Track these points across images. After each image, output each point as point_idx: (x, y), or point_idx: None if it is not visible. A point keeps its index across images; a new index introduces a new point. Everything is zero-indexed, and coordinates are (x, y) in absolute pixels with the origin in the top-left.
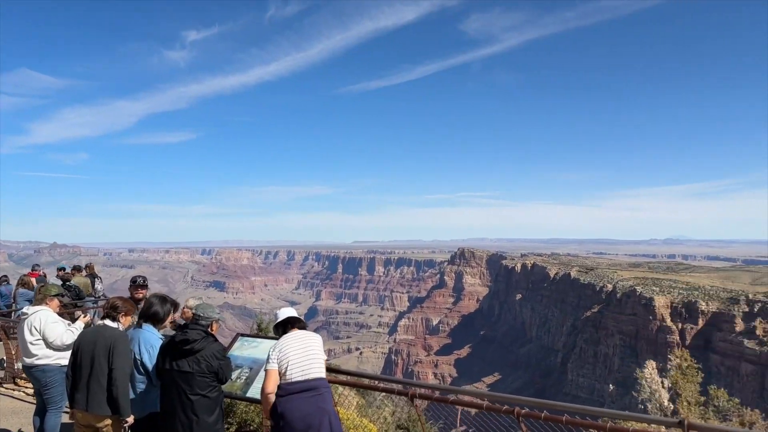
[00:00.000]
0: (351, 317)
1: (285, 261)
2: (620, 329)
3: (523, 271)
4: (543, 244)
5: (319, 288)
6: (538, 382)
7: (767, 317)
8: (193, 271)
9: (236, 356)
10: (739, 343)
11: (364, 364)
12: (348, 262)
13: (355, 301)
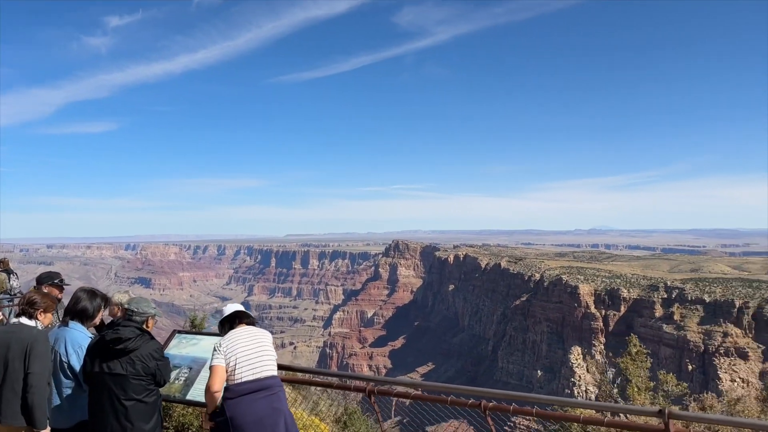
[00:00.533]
0: (285, 312)
1: (215, 256)
2: (547, 317)
3: (456, 262)
4: (475, 235)
5: (252, 283)
6: (469, 370)
7: (684, 303)
8: (116, 268)
9: (174, 355)
10: (659, 328)
11: (298, 358)
12: (281, 255)
13: (288, 296)
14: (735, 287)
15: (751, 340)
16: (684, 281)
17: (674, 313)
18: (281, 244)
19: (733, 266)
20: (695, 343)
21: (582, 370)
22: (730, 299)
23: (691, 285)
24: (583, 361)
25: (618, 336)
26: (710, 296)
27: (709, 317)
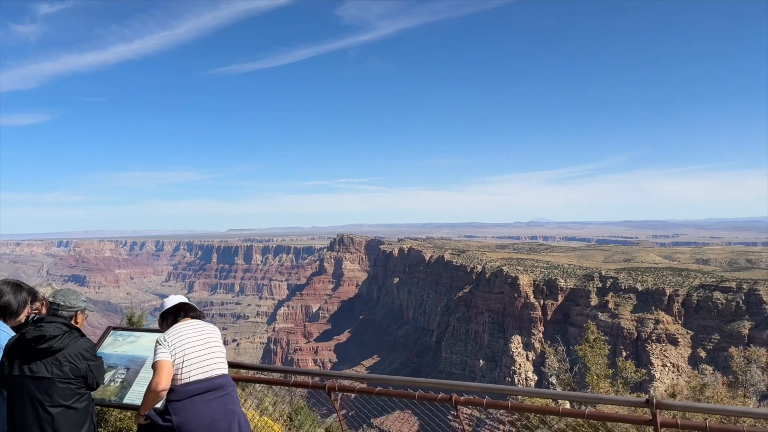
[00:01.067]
0: (227, 308)
1: (153, 252)
2: (489, 307)
3: (400, 256)
4: (419, 228)
5: (192, 279)
6: (414, 361)
7: (618, 292)
8: (48, 265)
9: (109, 354)
10: (594, 316)
11: (242, 355)
12: (223, 251)
13: (231, 292)
14: (665, 276)
15: (680, 326)
16: (618, 271)
17: (609, 302)
18: (223, 240)
19: (663, 256)
20: (629, 330)
21: (522, 358)
22: (661, 288)
23: (624, 274)
24: (523, 349)
25: (556, 324)
26: (642, 285)
27: (641, 305)
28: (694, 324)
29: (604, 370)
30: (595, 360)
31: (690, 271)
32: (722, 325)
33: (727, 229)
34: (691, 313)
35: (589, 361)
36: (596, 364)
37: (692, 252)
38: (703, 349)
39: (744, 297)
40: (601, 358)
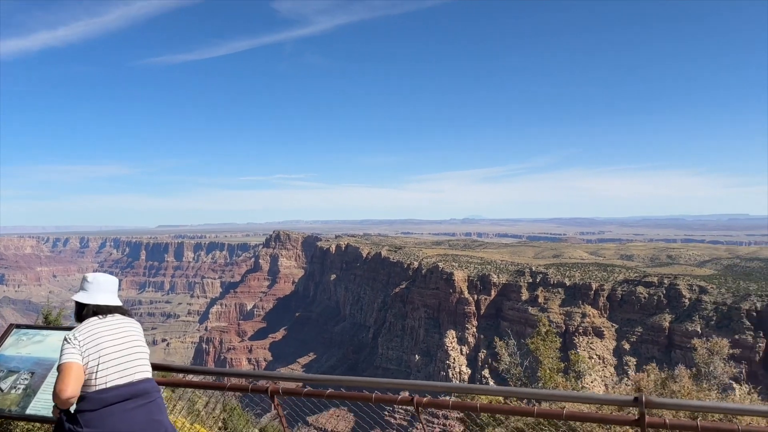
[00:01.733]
0: (157, 307)
1: (77, 249)
2: (425, 303)
3: (338, 252)
4: (356, 225)
5: (119, 277)
6: (350, 357)
7: (547, 287)
8: None
9: (10, 357)
10: (525, 310)
11: (172, 355)
12: (153, 248)
13: (161, 290)
14: (592, 271)
15: (605, 320)
16: (547, 266)
17: (539, 296)
18: (152, 236)
19: (589, 252)
20: (557, 324)
21: (456, 352)
22: (587, 283)
23: (553, 270)
24: (458, 344)
25: (489, 319)
26: (570, 280)
27: (569, 299)
28: (618, 317)
29: (556, 363)
30: (548, 353)
31: (614, 266)
32: (645, 318)
33: (650, 226)
34: (616, 307)
35: (541, 354)
36: (549, 358)
37: (617, 248)
38: (627, 342)
39: (665, 291)
40: (553, 352)
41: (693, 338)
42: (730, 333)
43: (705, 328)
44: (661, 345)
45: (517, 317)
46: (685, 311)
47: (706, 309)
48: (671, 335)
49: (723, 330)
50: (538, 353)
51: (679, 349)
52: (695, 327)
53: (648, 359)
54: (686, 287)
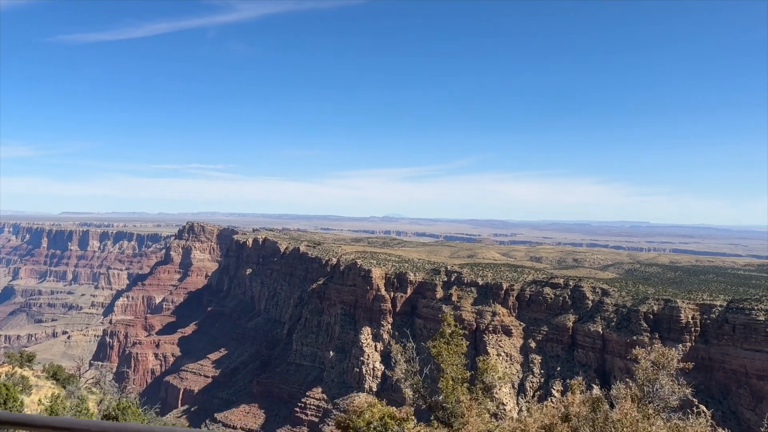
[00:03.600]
0: (58, 298)
1: None
2: (342, 299)
3: (255, 246)
4: (275, 219)
5: (17, 265)
6: (263, 353)
7: (461, 285)
8: None
9: None
10: (439, 308)
11: (74, 349)
12: (55, 235)
13: (63, 280)
14: (503, 272)
15: (514, 318)
16: (462, 266)
17: (453, 295)
18: (55, 223)
19: (502, 253)
20: (469, 322)
21: (371, 349)
22: (498, 282)
23: (467, 269)
24: (373, 340)
25: (404, 316)
26: (483, 279)
27: (481, 298)
28: (526, 316)
29: (461, 372)
30: (452, 359)
31: (524, 267)
32: (550, 317)
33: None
34: (524, 306)
35: (444, 361)
36: (452, 365)
37: (527, 250)
38: (533, 340)
39: (570, 292)
40: (458, 358)
41: (635, 347)
42: (629, 334)
43: (606, 329)
44: (564, 344)
45: (432, 315)
46: (588, 312)
47: (607, 310)
48: (574, 335)
49: (622, 331)
50: (440, 359)
51: (581, 348)
52: (597, 327)
53: (552, 357)
54: (590, 289)
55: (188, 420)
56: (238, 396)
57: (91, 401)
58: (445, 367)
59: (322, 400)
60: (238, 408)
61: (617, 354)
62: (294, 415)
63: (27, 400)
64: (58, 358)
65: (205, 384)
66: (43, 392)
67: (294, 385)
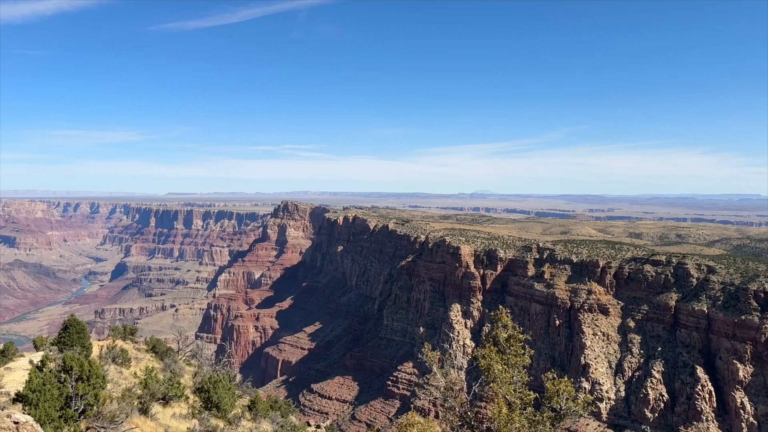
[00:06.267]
0: (166, 273)
1: (88, 214)
2: (431, 276)
3: (345, 224)
4: (364, 197)
5: (129, 243)
6: (356, 328)
7: (554, 263)
8: None
9: None
10: (531, 286)
11: (180, 321)
12: (162, 215)
13: (170, 257)
14: (599, 249)
15: (611, 297)
16: (555, 243)
17: (545, 272)
18: (162, 203)
19: (598, 229)
20: (562, 300)
21: (461, 326)
22: (594, 260)
23: (560, 246)
24: (462, 317)
25: (494, 294)
26: (577, 257)
27: (575, 276)
28: (624, 295)
29: (522, 393)
30: (506, 378)
31: (623, 244)
32: (651, 296)
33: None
34: (622, 285)
35: (496, 378)
36: (507, 384)
37: (626, 226)
38: (632, 320)
39: (672, 270)
40: (518, 373)
41: (743, 327)
42: (737, 313)
43: (712, 308)
44: (666, 324)
45: (523, 293)
46: (693, 291)
47: (713, 289)
48: (677, 314)
49: (730, 310)
50: (491, 375)
51: (684, 328)
52: (702, 306)
53: (652, 337)
54: (694, 267)
55: (287, 389)
56: (333, 368)
57: (188, 373)
58: (498, 387)
59: (413, 374)
60: (333, 380)
61: (723, 334)
62: (386, 388)
63: (126, 372)
64: (167, 330)
65: (301, 356)
66: (142, 365)
67: (385, 359)
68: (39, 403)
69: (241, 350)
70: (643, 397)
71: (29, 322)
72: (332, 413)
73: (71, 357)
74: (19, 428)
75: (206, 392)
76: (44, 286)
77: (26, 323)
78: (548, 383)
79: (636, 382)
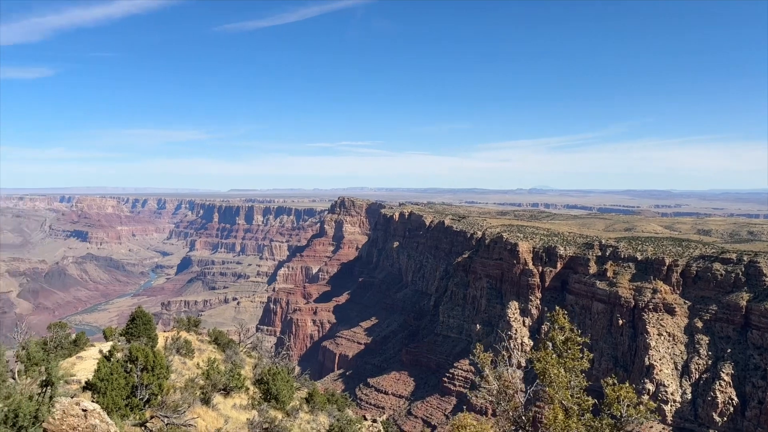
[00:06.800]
0: (228, 267)
1: (155, 210)
2: (487, 273)
3: (401, 220)
4: (420, 193)
5: (193, 238)
6: (411, 323)
7: (617, 260)
8: (51, 220)
9: None
10: (592, 284)
11: (242, 314)
12: (224, 211)
13: (232, 251)
14: (666, 246)
15: (678, 296)
16: (618, 240)
17: (607, 270)
18: (224, 199)
19: (664, 226)
20: (626, 299)
21: (518, 323)
22: (660, 257)
23: (624, 243)
24: (520, 315)
25: (553, 291)
26: (642, 254)
27: (640, 274)
28: (691, 294)
29: (579, 399)
30: (561, 382)
31: (690, 241)
32: (720, 296)
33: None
34: (690, 284)
35: (552, 382)
36: (565, 389)
37: (694, 222)
38: (700, 320)
39: (744, 269)
40: (575, 378)
41: None
42: None
43: None
44: (736, 324)
45: (584, 291)
46: (765, 290)
47: None
48: (748, 314)
49: None
50: (546, 380)
51: (756, 329)
52: None
53: (721, 338)
54: (767, 265)
55: (343, 383)
56: (389, 363)
57: (248, 365)
58: (554, 392)
59: (469, 371)
60: (389, 374)
61: None
62: (442, 385)
63: (190, 363)
64: (229, 322)
65: (358, 350)
66: (205, 356)
67: (441, 355)
68: (107, 392)
69: (299, 343)
70: (711, 401)
71: (100, 313)
72: (388, 408)
73: (137, 348)
74: (87, 416)
75: (266, 384)
76: (114, 279)
77: (97, 314)
78: (608, 389)
79: (703, 385)
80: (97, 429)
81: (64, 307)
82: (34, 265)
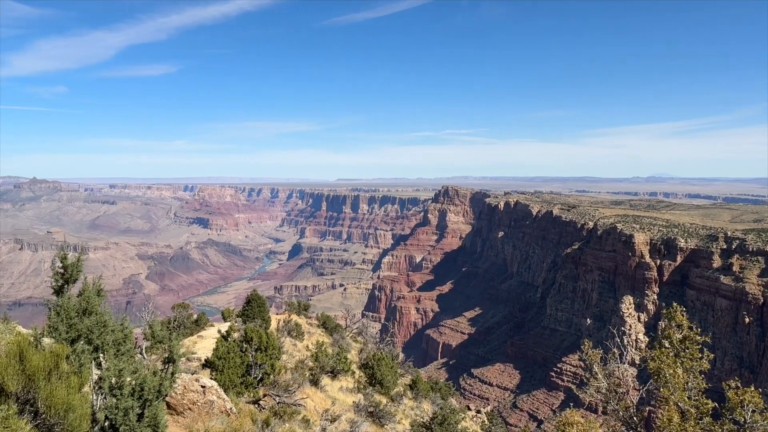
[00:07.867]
0: (335, 254)
1: (268, 198)
2: (599, 265)
3: (506, 209)
4: (526, 182)
5: (303, 226)
6: (517, 315)
7: (744, 254)
8: (176, 208)
9: None
10: (716, 279)
11: (348, 300)
12: (332, 200)
13: (339, 239)
14: None
15: None
16: (746, 232)
17: (733, 265)
18: (332, 189)
19: None
20: (754, 296)
21: (633, 319)
22: None
23: (753, 236)
24: (635, 310)
25: (672, 286)
26: None
27: None
28: None
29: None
30: (678, 383)
31: None
32: None
33: None
34: None
35: (667, 383)
36: (682, 390)
37: None
38: None
39: None
40: (693, 379)
41: None
42: None
43: None
44: None
45: (707, 286)
46: None
47: None
48: None
49: None
50: (662, 380)
51: None
52: None
53: None
54: None
55: (446, 372)
56: (493, 354)
57: (354, 350)
58: (670, 393)
59: (578, 367)
60: (494, 366)
61: None
62: (549, 379)
63: (300, 345)
64: (336, 307)
65: (461, 340)
66: (314, 339)
67: (548, 349)
68: (224, 370)
69: (403, 330)
70: None
71: (219, 295)
72: (492, 399)
73: (252, 329)
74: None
75: (371, 369)
76: (232, 263)
77: (217, 296)
78: (730, 392)
79: None
80: (214, 405)
81: (187, 288)
82: (160, 250)
